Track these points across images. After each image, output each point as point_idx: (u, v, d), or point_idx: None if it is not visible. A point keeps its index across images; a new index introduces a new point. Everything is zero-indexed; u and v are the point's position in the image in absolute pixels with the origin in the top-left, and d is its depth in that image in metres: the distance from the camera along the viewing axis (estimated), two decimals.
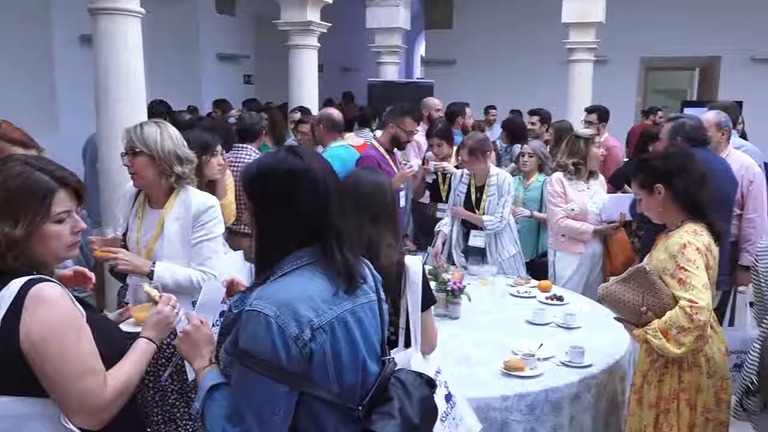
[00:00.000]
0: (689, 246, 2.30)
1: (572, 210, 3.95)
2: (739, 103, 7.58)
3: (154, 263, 2.38)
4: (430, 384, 1.49)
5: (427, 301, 2.02)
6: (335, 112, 4.35)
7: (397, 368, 1.49)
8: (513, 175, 4.52)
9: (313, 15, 7.20)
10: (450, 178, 4.44)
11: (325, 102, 8.94)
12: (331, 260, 1.37)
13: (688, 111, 7.18)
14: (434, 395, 1.49)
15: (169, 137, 2.42)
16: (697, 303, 2.20)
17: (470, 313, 3.13)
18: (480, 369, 2.51)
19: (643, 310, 2.27)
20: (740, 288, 4.43)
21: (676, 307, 2.23)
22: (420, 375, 1.49)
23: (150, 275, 2.34)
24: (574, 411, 2.42)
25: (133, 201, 2.56)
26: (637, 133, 5.77)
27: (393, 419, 1.34)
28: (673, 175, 2.40)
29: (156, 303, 1.75)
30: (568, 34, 9.04)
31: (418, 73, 16.60)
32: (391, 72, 10.27)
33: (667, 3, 11.18)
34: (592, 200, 3.99)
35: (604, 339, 2.82)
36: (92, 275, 1.96)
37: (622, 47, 11.38)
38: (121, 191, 2.72)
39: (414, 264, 1.98)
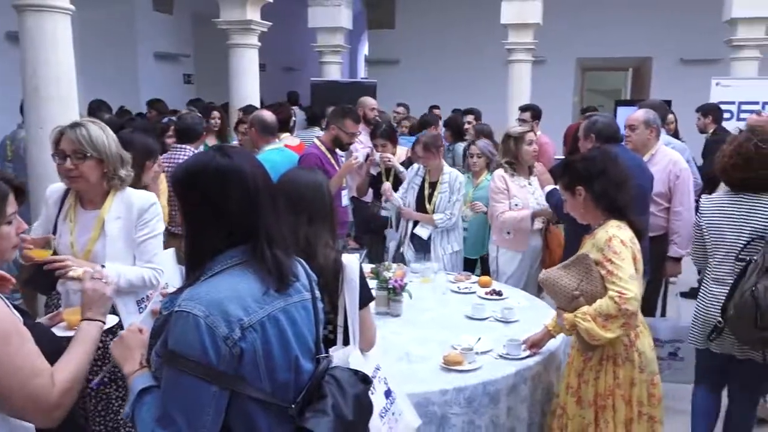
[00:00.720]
0: (614, 239, 2.39)
1: (516, 205, 4.03)
2: (668, 102, 7.91)
3: (103, 266, 2.32)
4: (366, 380, 1.50)
5: (365, 298, 2.03)
6: (267, 114, 4.30)
7: (332, 366, 1.50)
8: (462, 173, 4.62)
9: (253, 14, 7.12)
10: (394, 175, 4.47)
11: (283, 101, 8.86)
12: (261, 259, 1.37)
13: (620, 110, 7.44)
14: (369, 391, 1.50)
15: (113, 139, 2.40)
16: (625, 294, 2.30)
17: (412, 310, 3.16)
18: (420, 365, 2.54)
19: (576, 294, 2.37)
20: (671, 279, 4.62)
21: (606, 296, 2.33)
22: (355, 372, 1.50)
23: None
24: (512, 402, 2.48)
25: (60, 203, 2.47)
26: (573, 131, 5.94)
27: (326, 416, 1.35)
28: (592, 177, 2.49)
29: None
30: (507, 35, 9.24)
31: (362, 72, 16.64)
32: (334, 72, 10.26)
33: (602, 6, 11.56)
34: (534, 195, 4.08)
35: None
36: (10, 277, 1.89)
37: (559, 48, 11.72)
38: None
39: (351, 262, 1.99)
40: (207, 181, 1.37)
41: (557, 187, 2.95)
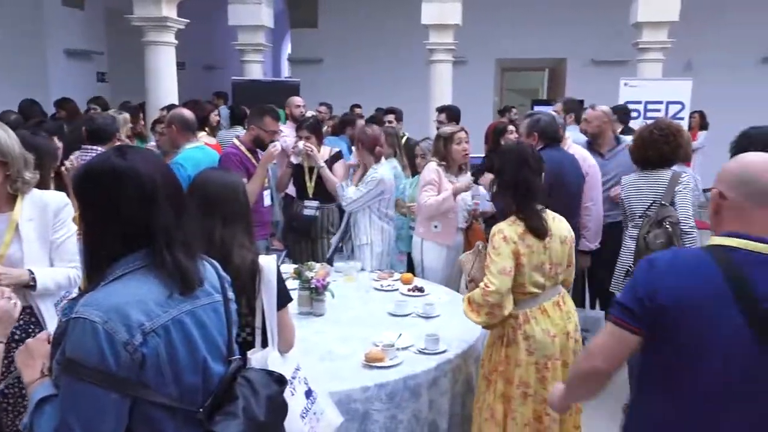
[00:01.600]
0: (498, 234, 2.58)
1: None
2: (581, 102, 8.26)
3: (31, 271, 2.27)
4: (281, 381, 1.50)
5: (283, 299, 2.02)
6: (187, 112, 4.19)
7: (248, 368, 1.49)
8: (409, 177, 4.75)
9: (169, 11, 6.92)
10: (317, 173, 4.45)
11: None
12: (162, 263, 1.35)
13: (537, 108, 7.71)
14: (289, 392, 1.50)
15: (15, 140, 2.30)
16: (488, 287, 2.49)
17: (335, 310, 3.18)
18: (343, 363, 2.56)
19: (467, 279, 2.64)
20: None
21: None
22: (270, 373, 1.50)
23: (32, 284, 2.26)
24: (433, 395, 2.54)
25: None
26: (493, 129, 6.11)
27: (236, 418, 1.34)
28: (499, 170, 2.72)
29: None
30: (428, 36, 9.39)
31: (286, 72, 16.48)
32: (256, 70, 10.13)
33: (520, 9, 11.93)
34: (461, 195, 4.16)
35: (460, 325, 2.97)
36: None
37: (479, 49, 12.02)
38: None
39: (269, 263, 1.98)
40: (100, 182, 1.34)
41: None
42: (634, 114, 8.16)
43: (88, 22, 10.01)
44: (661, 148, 3.43)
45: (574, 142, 4.76)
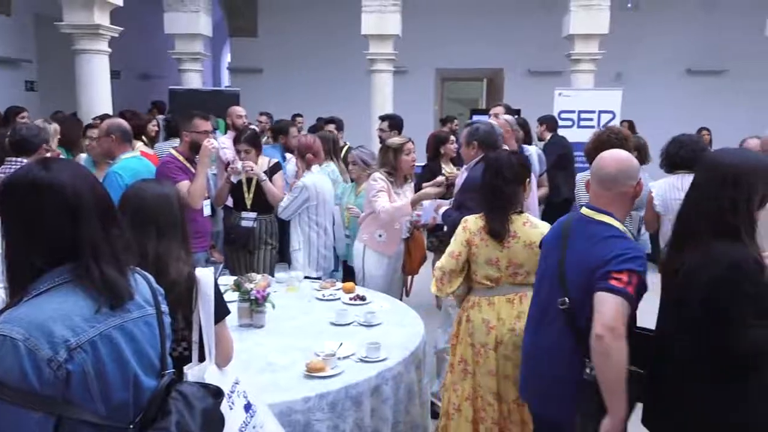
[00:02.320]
0: (462, 223, 2.96)
1: None
2: (518, 111, 8.48)
3: None
4: (217, 394, 1.48)
5: (221, 312, 1.99)
6: (124, 122, 4.10)
7: (182, 381, 1.46)
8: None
9: (101, 18, 6.73)
10: (257, 184, 4.40)
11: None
12: (88, 277, 1.32)
13: (475, 118, 7.88)
14: (228, 406, 1.48)
15: None
16: (438, 264, 2.94)
17: (276, 321, 3.15)
18: (283, 374, 2.54)
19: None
20: None
21: None
22: (206, 386, 1.48)
23: None
24: (375, 403, 2.54)
25: None
26: (433, 138, 6.19)
27: None
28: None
29: None
30: (368, 46, 9.46)
31: (226, 81, 16.26)
32: (194, 79, 9.96)
33: (459, 20, 12.18)
34: None
35: (401, 333, 3.00)
36: None
37: (419, 59, 12.19)
38: None
39: (205, 276, 1.95)
40: (21, 196, 1.31)
41: (449, 207, 3.60)
42: (567, 123, 8.45)
43: (16, 28, 9.60)
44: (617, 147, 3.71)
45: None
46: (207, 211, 4.18)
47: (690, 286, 2.04)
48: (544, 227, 2.83)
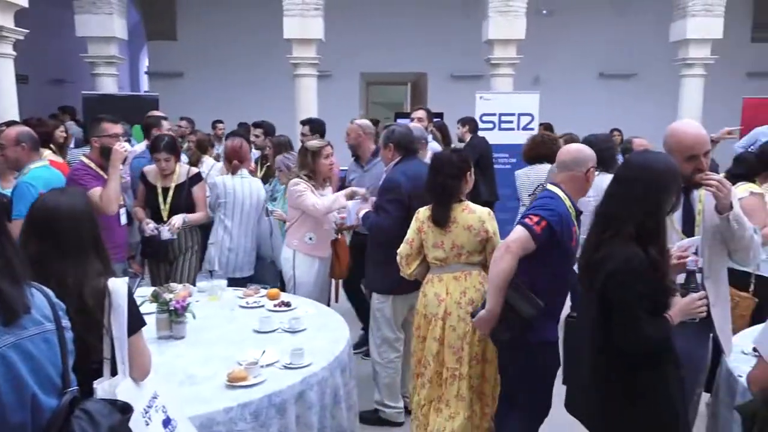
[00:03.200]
0: (415, 215, 3.35)
1: None
2: (441, 114, 8.64)
3: None
4: (125, 410, 1.43)
5: (136, 324, 1.91)
6: (31, 130, 3.88)
7: (87, 399, 1.40)
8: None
9: (4, 19, 6.38)
10: (173, 194, 4.27)
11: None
12: None
13: (399, 120, 7.96)
14: (128, 421, 1.42)
15: None
16: (399, 250, 3.35)
17: (198, 331, 3.06)
18: (204, 385, 2.47)
19: None
20: None
21: None
22: (113, 402, 1.42)
23: None
24: (300, 410, 2.51)
25: None
26: None
27: None
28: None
29: None
30: (291, 50, 9.40)
31: (145, 86, 15.74)
32: (109, 84, 9.59)
33: (382, 25, 12.29)
34: None
35: (326, 338, 2.98)
36: None
37: (343, 63, 12.22)
38: None
39: (118, 287, 1.86)
40: None
41: (370, 210, 3.76)
42: (489, 125, 8.66)
43: None
44: (547, 149, 4.83)
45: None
46: (124, 220, 4.02)
47: (593, 282, 2.17)
48: (482, 212, 3.24)
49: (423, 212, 3.31)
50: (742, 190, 3.63)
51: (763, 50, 13.12)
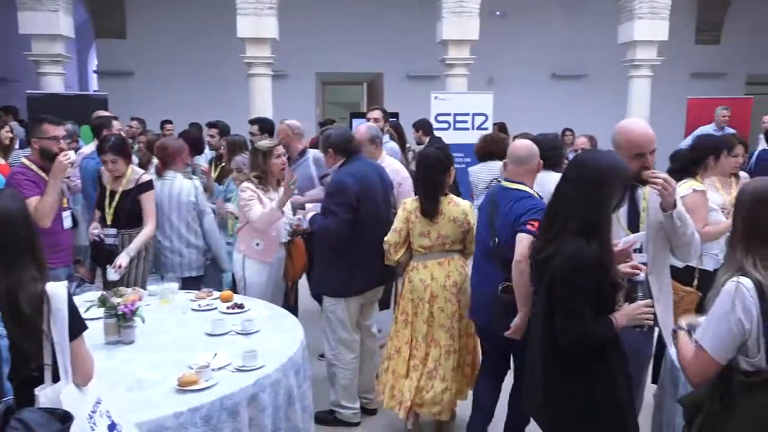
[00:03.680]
0: (402, 205, 3.64)
1: None
2: (396, 114, 8.67)
3: None
4: (65, 419, 1.38)
5: (77, 329, 1.86)
6: None
7: (23, 408, 1.35)
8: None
9: None
10: (119, 200, 4.13)
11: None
12: None
13: (355, 121, 7.95)
14: (68, 430, 1.38)
15: None
16: (386, 238, 3.58)
17: (148, 335, 3.00)
18: (154, 390, 2.41)
19: None
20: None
21: None
22: (51, 411, 1.37)
23: None
24: (252, 412, 2.48)
25: None
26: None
27: None
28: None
29: None
30: (245, 49, 9.28)
31: (95, 85, 15.32)
32: (56, 83, 9.29)
33: (338, 25, 12.26)
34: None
35: (280, 339, 2.96)
36: None
37: (299, 63, 12.14)
38: None
39: (57, 291, 1.81)
40: None
41: (318, 213, 3.77)
42: (444, 125, 8.74)
43: None
44: (497, 147, 5.14)
45: (391, 153, 5.01)
46: (68, 224, 3.90)
47: (542, 277, 2.23)
48: (465, 205, 3.57)
49: (410, 203, 3.59)
50: (685, 187, 3.75)
51: (707, 52, 13.60)
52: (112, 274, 3.88)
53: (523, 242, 2.85)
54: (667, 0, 10.05)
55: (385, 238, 3.58)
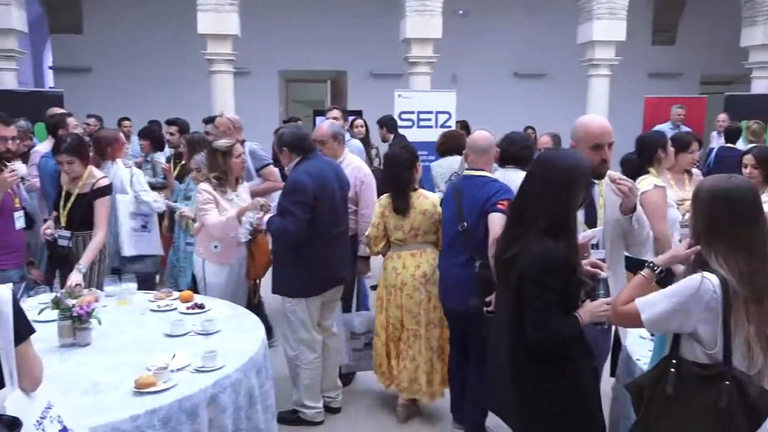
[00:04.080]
0: (378, 201, 3.94)
1: None
2: (359, 112, 8.66)
3: None
4: (13, 425, 1.33)
5: (23, 332, 1.79)
6: None
7: None
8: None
9: None
10: (74, 203, 4.01)
11: None
12: None
13: (318, 119, 7.91)
14: None
15: None
16: (366, 232, 3.95)
17: (105, 337, 2.93)
18: (110, 393, 2.36)
19: None
20: (368, 274, 5.01)
21: None
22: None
23: None
24: (212, 414, 2.45)
25: None
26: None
27: None
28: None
29: None
30: (206, 46, 9.15)
31: (51, 82, 14.90)
32: (9, 79, 9.02)
33: (301, 23, 12.16)
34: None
35: (240, 339, 2.93)
36: None
37: (262, 60, 12.02)
38: None
39: (2, 294, 1.75)
40: None
41: (274, 215, 3.73)
42: (408, 123, 8.76)
43: None
44: (456, 143, 5.37)
45: (353, 150, 4.99)
46: (20, 224, 3.78)
47: (508, 278, 2.23)
48: (434, 197, 3.83)
49: (385, 199, 3.87)
50: (645, 183, 3.82)
51: (663, 52, 13.94)
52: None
53: (496, 221, 3.11)
54: (624, 1, 10.26)
55: (366, 233, 3.91)
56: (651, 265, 2.08)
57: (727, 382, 1.80)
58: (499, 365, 2.41)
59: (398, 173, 3.76)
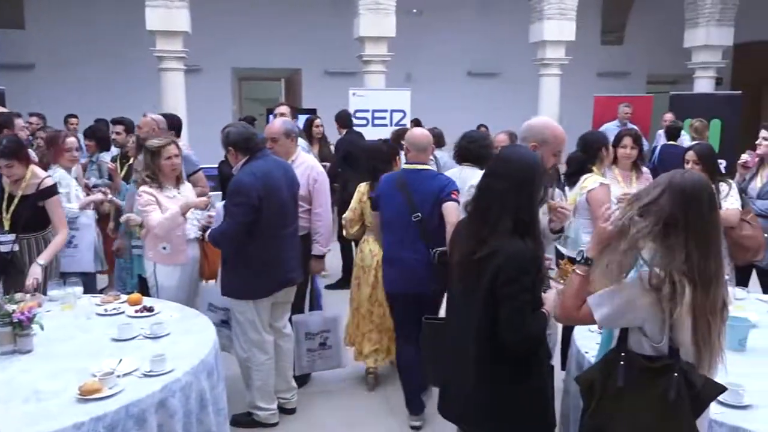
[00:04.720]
0: (357, 188, 4.34)
1: None
2: (314, 110, 8.61)
3: None
4: None
5: None
6: None
7: None
8: None
9: None
10: (17, 205, 3.86)
11: None
12: None
13: (272, 117, 7.82)
14: None
15: None
16: (344, 215, 4.40)
17: (48, 343, 2.83)
18: (52, 401, 2.28)
19: None
20: (323, 274, 4.98)
21: None
22: None
23: None
24: (161, 419, 2.40)
25: None
26: None
27: None
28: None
29: None
30: (155, 42, 8.95)
31: None
32: None
33: (254, 20, 12.00)
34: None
35: (191, 341, 2.87)
36: None
37: (214, 57, 11.83)
38: None
39: None
40: None
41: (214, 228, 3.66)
42: (362, 121, 8.76)
43: None
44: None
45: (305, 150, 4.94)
46: None
47: (478, 278, 2.21)
48: None
49: (364, 186, 4.27)
50: (590, 181, 3.92)
51: (611, 52, 14.30)
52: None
53: (453, 211, 3.45)
54: (573, 2, 10.48)
55: (344, 216, 4.36)
56: (582, 260, 2.04)
57: (675, 374, 1.84)
58: (455, 368, 2.37)
59: (378, 166, 4.18)
